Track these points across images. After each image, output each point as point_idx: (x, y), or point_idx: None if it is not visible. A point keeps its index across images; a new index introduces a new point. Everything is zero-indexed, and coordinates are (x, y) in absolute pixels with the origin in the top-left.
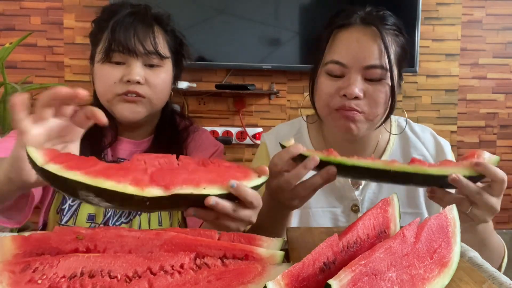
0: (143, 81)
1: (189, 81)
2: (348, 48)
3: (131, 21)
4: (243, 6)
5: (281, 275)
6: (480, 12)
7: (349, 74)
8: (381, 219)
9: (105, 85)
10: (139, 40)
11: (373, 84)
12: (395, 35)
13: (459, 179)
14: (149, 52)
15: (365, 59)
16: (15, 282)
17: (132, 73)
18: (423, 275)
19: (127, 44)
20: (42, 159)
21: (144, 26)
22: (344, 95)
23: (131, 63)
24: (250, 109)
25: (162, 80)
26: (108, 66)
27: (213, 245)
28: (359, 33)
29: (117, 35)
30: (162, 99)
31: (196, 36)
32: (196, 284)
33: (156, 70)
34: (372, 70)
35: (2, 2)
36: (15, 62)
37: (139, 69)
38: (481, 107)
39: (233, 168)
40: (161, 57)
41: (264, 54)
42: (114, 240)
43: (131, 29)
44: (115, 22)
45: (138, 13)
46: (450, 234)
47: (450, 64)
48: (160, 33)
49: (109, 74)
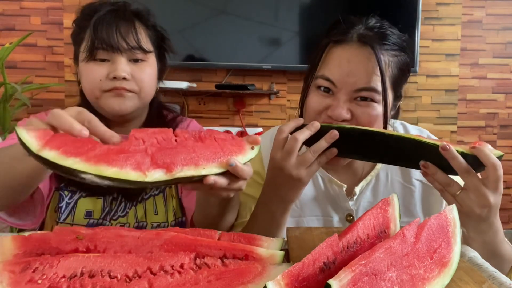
0: (129, 76)
1: (189, 81)
2: (339, 68)
3: (113, 18)
4: (243, 6)
5: (281, 275)
6: (480, 12)
7: (338, 95)
8: (381, 219)
9: (91, 83)
10: (122, 36)
11: (362, 106)
12: (395, 56)
13: (449, 148)
14: (132, 47)
15: (355, 82)
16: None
17: (117, 69)
18: (423, 275)
19: (110, 41)
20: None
21: (125, 22)
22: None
23: (115, 59)
24: (250, 109)
25: (148, 74)
26: (93, 64)
27: (213, 245)
28: (353, 52)
29: (100, 33)
30: (149, 92)
31: (196, 36)
32: (196, 284)
33: (141, 64)
34: (362, 92)
35: (2, 2)
36: (15, 62)
37: (124, 65)
38: (481, 107)
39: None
40: (144, 52)
41: (264, 54)
42: (114, 240)
43: (113, 25)
44: (96, 20)
45: (118, 10)
46: (450, 234)
47: (450, 64)
48: (142, 28)
49: (95, 72)
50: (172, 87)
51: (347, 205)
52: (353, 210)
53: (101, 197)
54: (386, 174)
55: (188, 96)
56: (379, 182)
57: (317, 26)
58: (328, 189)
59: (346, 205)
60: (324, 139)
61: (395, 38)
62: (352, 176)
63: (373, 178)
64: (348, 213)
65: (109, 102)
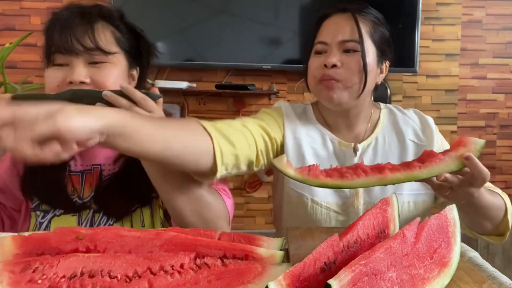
0: (87, 80)
1: (189, 81)
2: (329, 30)
3: (66, 20)
4: (243, 6)
5: (282, 275)
6: (480, 12)
7: (329, 49)
8: (380, 219)
9: (50, 90)
10: (76, 38)
11: (349, 55)
12: (374, 22)
13: (447, 179)
14: (89, 49)
15: (340, 36)
16: (15, 282)
17: (73, 73)
18: (423, 275)
19: (64, 44)
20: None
21: (82, 24)
22: (325, 65)
23: (73, 63)
24: (250, 109)
25: (112, 76)
26: (51, 69)
27: (213, 245)
28: (337, 18)
29: (54, 36)
30: None
31: (196, 36)
32: (196, 284)
33: (101, 66)
34: (346, 43)
35: (2, 2)
36: (15, 62)
37: (81, 69)
38: (481, 107)
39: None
40: (104, 53)
41: (264, 54)
42: (114, 240)
43: (66, 28)
44: (50, 25)
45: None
46: (450, 234)
47: (450, 64)
48: (107, 29)
49: (52, 77)
50: (172, 87)
51: (353, 161)
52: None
53: (76, 214)
54: (384, 137)
55: (188, 96)
56: (377, 143)
57: None
58: (336, 149)
59: (352, 162)
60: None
61: (373, 12)
62: (354, 138)
63: (373, 140)
64: None
65: None
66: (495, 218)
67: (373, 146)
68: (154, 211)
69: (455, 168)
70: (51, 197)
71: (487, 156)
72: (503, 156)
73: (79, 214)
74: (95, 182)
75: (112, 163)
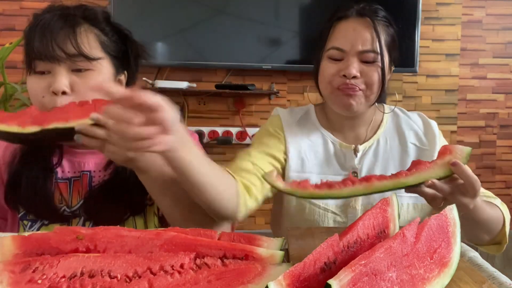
0: (68, 90)
1: (189, 81)
2: (346, 36)
3: (47, 25)
4: (243, 6)
5: (282, 275)
6: (480, 12)
7: (347, 58)
8: (380, 219)
9: (35, 100)
10: (57, 44)
11: (368, 65)
12: (386, 26)
13: (434, 185)
14: (71, 55)
15: (360, 45)
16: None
17: (55, 82)
18: (423, 275)
19: (44, 50)
20: None
21: (64, 28)
22: (344, 75)
23: (55, 71)
24: (250, 109)
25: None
26: (34, 77)
27: (213, 245)
28: (355, 23)
29: (33, 42)
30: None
31: (196, 36)
32: (196, 284)
33: (85, 74)
34: (366, 54)
35: (2, 2)
36: (15, 62)
37: (63, 77)
38: (481, 107)
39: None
40: (88, 59)
41: (264, 54)
42: (114, 240)
43: (47, 33)
44: (30, 29)
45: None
46: (450, 234)
47: (450, 64)
48: (91, 32)
49: (36, 87)
50: (172, 87)
51: (353, 162)
52: (358, 168)
53: (65, 223)
54: (385, 140)
55: (188, 96)
56: (379, 145)
57: (317, 26)
58: (337, 151)
59: (352, 163)
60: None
61: (383, 13)
62: (356, 140)
63: (374, 142)
64: (353, 170)
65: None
66: (493, 231)
67: (374, 148)
68: (148, 219)
69: (442, 175)
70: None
71: (487, 156)
72: (503, 156)
73: (69, 223)
74: (84, 190)
75: (103, 170)
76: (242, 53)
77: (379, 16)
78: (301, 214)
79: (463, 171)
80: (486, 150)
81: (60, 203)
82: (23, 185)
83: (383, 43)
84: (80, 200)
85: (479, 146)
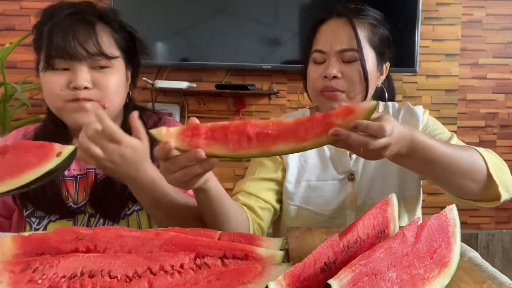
0: (90, 86)
1: (189, 81)
2: (326, 38)
3: (69, 23)
4: (243, 6)
5: (282, 275)
6: (480, 12)
7: (328, 59)
8: (380, 219)
9: (52, 94)
10: (80, 43)
11: (349, 65)
12: (371, 24)
13: (338, 133)
14: (93, 54)
15: (338, 45)
16: (15, 282)
17: (77, 79)
18: (423, 275)
19: (67, 49)
20: None
21: (84, 27)
22: (325, 76)
23: (75, 68)
24: (250, 109)
25: (114, 82)
26: (52, 74)
27: (213, 245)
28: (334, 23)
29: (55, 40)
30: (116, 101)
31: (196, 36)
32: (196, 284)
33: (105, 71)
34: (345, 53)
35: (2, 2)
36: (15, 62)
37: (85, 74)
38: (481, 107)
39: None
40: (108, 58)
41: (264, 54)
42: (114, 240)
43: (69, 32)
44: (51, 26)
45: (76, 13)
46: (450, 234)
47: (450, 64)
48: (106, 31)
49: (54, 82)
50: (172, 87)
51: (349, 165)
52: (354, 170)
53: (71, 219)
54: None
55: (188, 96)
56: None
57: None
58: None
59: (348, 166)
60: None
61: (371, 13)
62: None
63: None
64: (350, 173)
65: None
66: (474, 175)
67: None
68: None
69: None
70: (46, 203)
71: None
72: (503, 156)
73: (75, 219)
74: (89, 187)
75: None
76: (242, 53)
77: (363, 15)
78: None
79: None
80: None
81: (67, 200)
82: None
83: (365, 41)
84: (86, 197)
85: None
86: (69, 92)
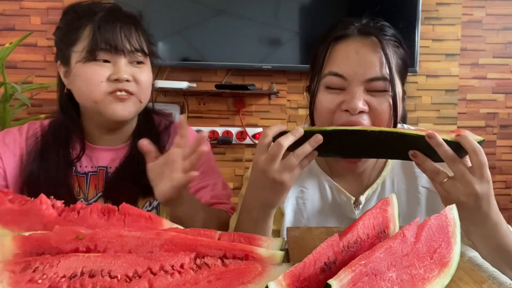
0: (131, 78)
1: (189, 81)
2: (348, 60)
3: (115, 18)
4: (243, 6)
5: (282, 275)
6: (480, 12)
7: (350, 88)
8: (380, 219)
9: (91, 85)
10: (126, 38)
11: (377, 96)
12: (395, 46)
13: (435, 136)
14: (135, 49)
15: (366, 72)
16: (15, 282)
17: (120, 71)
18: (423, 275)
19: (115, 42)
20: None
21: (126, 24)
22: (347, 110)
23: (117, 61)
24: (250, 109)
25: (147, 77)
26: (93, 65)
27: (213, 245)
28: (358, 44)
29: (104, 33)
30: (148, 96)
31: (196, 36)
32: (196, 284)
33: (141, 67)
34: (375, 82)
35: (2, 2)
36: (15, 62)
37: (127, 67)
38: (481, 107)
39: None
40: (145, 54)
41: (264, 54)
42: (114, 240)
43: (117, 26)
44: (100, 20)
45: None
46: (450, 234)
47: (450, 64)
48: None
49: (95, 73)
50: (172, 87)
51: (354, 215)
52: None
53: None
54: (392, 182)
55: (188, 96)
56: (385, 190)
57: (317, 26)
58: (335, 200)
59: (352, 216)
60: (309, 143)
61: (392, 31)
62: (359, 184)
63: (379, 186)
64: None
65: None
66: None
67: (379, 194)
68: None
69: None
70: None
71: (487, 156)
72: (503, 156)
73: None
74: (100, 184)
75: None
76: (242, 53)
77: (387, 35)
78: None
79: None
80: (486, 150)
81: (78, 196)
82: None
83: (394, 68)
84: (98, 193)
85: None
86: (110, 84)
